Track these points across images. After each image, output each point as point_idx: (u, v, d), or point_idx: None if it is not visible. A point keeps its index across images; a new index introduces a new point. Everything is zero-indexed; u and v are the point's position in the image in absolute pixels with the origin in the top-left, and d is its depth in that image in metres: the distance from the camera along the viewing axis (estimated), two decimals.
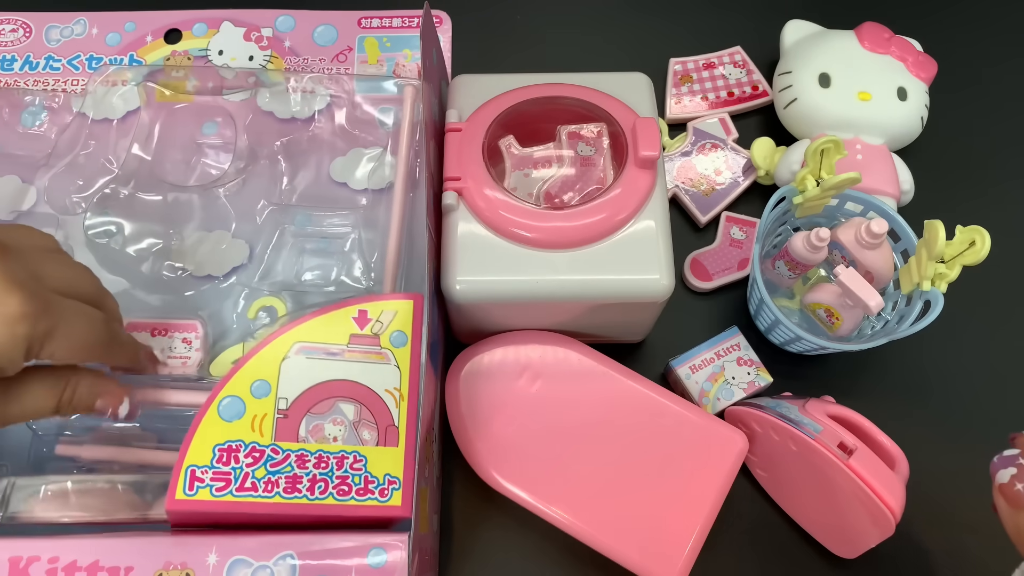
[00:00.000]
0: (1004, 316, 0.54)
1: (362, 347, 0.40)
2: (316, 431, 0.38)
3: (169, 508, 0.37)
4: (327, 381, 0.39)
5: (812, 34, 0.58)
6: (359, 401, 0.39)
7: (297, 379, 0.39)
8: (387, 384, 0.39)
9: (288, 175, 0.52)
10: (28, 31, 0.59)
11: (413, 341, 0.40)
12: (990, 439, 0.40)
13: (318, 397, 0.39)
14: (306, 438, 0.38)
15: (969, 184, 0.58)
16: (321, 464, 0.37)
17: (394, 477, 0.38)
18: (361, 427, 0.38)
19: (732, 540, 0.48)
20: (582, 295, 0.43)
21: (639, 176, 0.44)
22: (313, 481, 0.37)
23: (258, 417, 0.38)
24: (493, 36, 0.62)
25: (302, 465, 0.37)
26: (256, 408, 0.39)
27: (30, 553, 0.37)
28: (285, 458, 0.37)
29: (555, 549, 0.47)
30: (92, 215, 0.50)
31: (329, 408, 0.39)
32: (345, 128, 0.54)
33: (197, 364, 0.46)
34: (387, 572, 0.36)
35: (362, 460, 0.38)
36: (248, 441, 0.38)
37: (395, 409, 0.39)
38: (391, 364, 0.40)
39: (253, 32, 0.59)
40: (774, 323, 0.49)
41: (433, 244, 0.43)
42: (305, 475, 0.37)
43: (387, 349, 0.40)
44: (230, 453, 0.37)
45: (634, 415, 0.45)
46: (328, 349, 0.40)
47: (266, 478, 0.37)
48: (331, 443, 0.38)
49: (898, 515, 0.41)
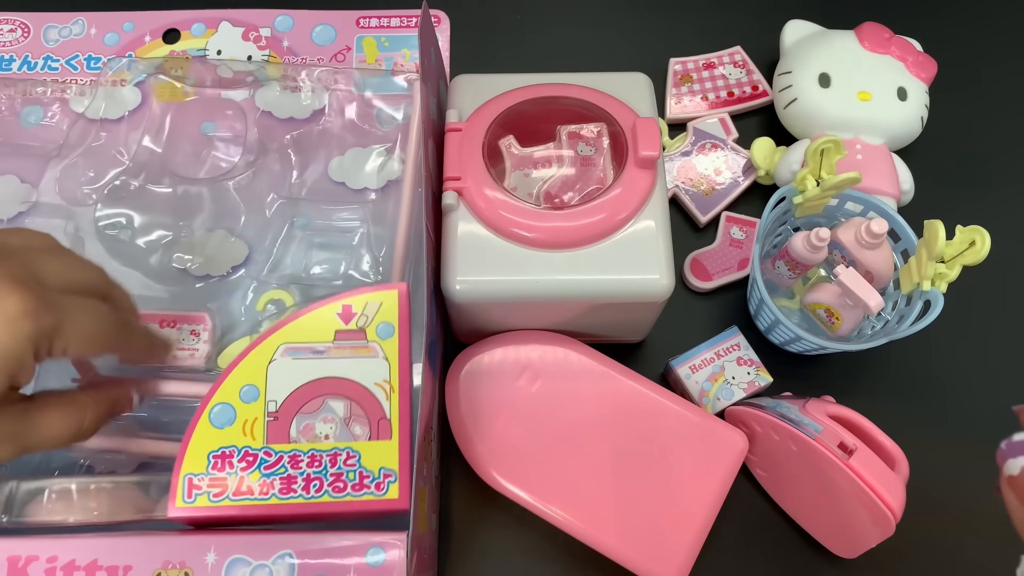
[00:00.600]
0: (1004, 316, 0.54)
1: (348, 342, 0.40)
2: (307, 431, 0.38)
3: (171, 517, 0.37)
4: (315, 380, 0.39)
5: (812, 34, 0.58)
6: (348, 397, 0.39)
7: (285, 381, 0.39)
8: (376, 377, 0.39)
9: (298, 169, 0.53)
10: (27, 31, 0.59)
11: (400, 331, 0.40)
12: (990, 439, 0.40)
13: (307, 397, 0.39)
14: (297, 438, 0.38)
15: (969, 184, 0.58)
16: (314, 463, 0.37)
17: (389, 470, 0.38)
18: (352, 423, 0.38)
19: (732, 540, 0.48)
20: (582, 295, 0.43)
21: (639, 176, 0.44)
22: (308, 480, 0.37)
23: (248, 422, 0.38)
24: (492, 36, 0.62)
25: (295, 465, 0.37)
26: (246, 413, 0.39)
27: (29, 552, 0.37)
28: (278, 460, 0.38)
29: (555, 549, 0.47)
30: (102, 207, 0.50)
31: (319, 407, 0.39)
32: (355, 123, 0.54)
33: (205, 356, 0.46)
34: (386, 571, 0.36)
35: (355, 456, 0.38)
36: (240, 446, 0.38)
37: (386, 402, 0.39)
38: (379, 357, 0.39)
39: (251, 32, 0.59)
40: (774, 323, 0.49)
41: (432, 244, 0.43)
42: (299, 475, 0.37)
43: (374, 342, 0.40)
44: (224, 459, 0.38)
45: (634, 415, 0.45)
46: (314, 348, 0.39)
47: (261, 481, 0.37)
48: (323, 441, 0.38)
49: (898, 515, 0.41)
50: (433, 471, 0.45)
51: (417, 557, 0.37)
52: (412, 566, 0.36)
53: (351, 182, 0.52)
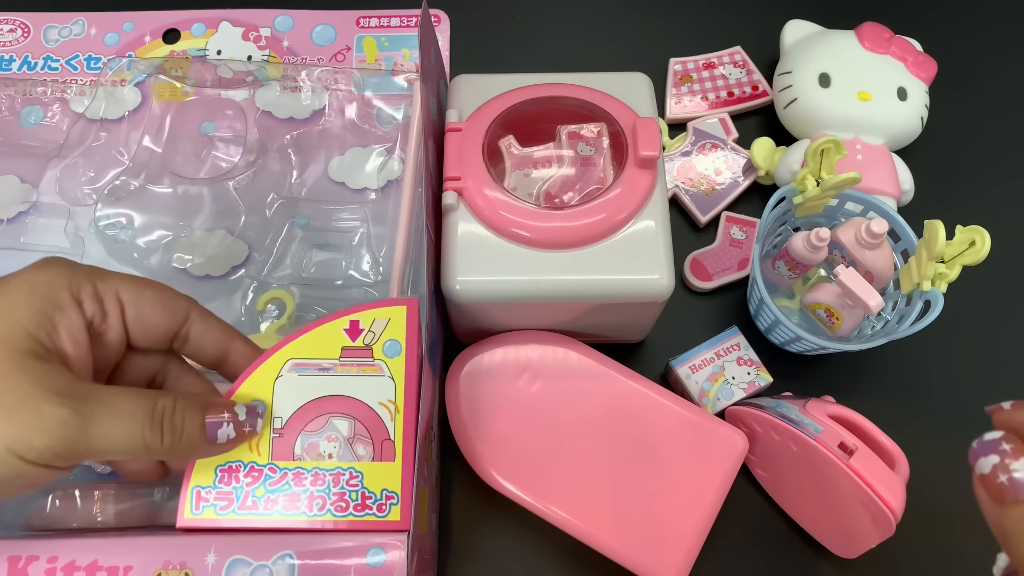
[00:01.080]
0: (1004, 316, 0.54)
1: (354, 360, 0.39)
2: (311, 449, 0.38)
3: (179, 527, 0.38)
4: (320, 398, 0.39)
5: (812, 34, 0.58)
6: (353, 416, 0.39)
7: (291, 397, 0.39)
8: (381, 397, 0.39)
9: (298, 169, 0.53)
10: (27, 31, 0.59)
11: (408, 349, 0.40)
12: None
13: (312, 414, 0.39)
14: (302, 456, 0.38)
15: (969, 184, 0.58)
16: (318, 482, 0.37)
17: (392, 492, 0.37)
18: (356, 443, 0.38)
19: (732, 540, 0.48)
20: (582, 295, 0.43)
21: (639, 176, 0.44)
22: (311, 498, 0.37)
23: (255, 437, 0.38)
24: (492, 35, 0.62)
25: (299, 483, 0.37)
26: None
27: (29, 553, 0.37)
28: (283, 476, 0.38)
29: (555, 549, 0.47)
30: (102, 207, 0.50)
31: (323, 425, 0.38)
32: (355, 123, 0.54)
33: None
34: (386, 572, 0.36)
35: (358, 476, 0.38)
36: (247, 461, 0.38)
37: (390, 423, 0.38)
38: (385, 376, 0.39)
39: (251, 32, 0.59)
40: (774, 323, 0.49)
41: (432, 244, 0.43)
42: (303, 492, 0.37)
43: (380, 360, 0.39)
44: (231, 473, 0.38)
45: (634, 415, 0.45)
46: (320, 364, 0.39)
47: (265, 496, 0.37)
48: (326, 460, 0.38)
49: (898, 515, 0.41)
50: (433, 471, 0.45)
51: (417, 557, 0.38)
52: (412, 566, 0.36)
53: (351, 182, 0.53)
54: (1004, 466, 0.29)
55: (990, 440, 0.30)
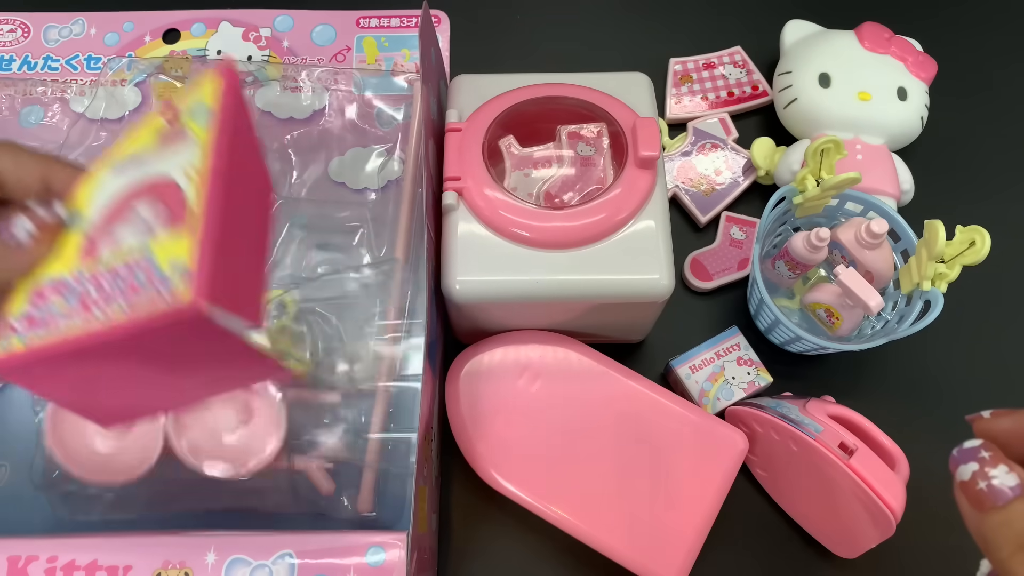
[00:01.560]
0: (1004, 316, 0.54)
1: (167, 138, 0.34)
2: (114, 244, 0.32)
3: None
4: (127, 188, 0.33)
5: (812, 34, 0.58)
6: (156, 196, 0.32)
7: (102, 199, 0.33)
8: (184, 164, 0.32)
9: (298, 169, 0.53)
10: (27, 31, 0.59)
11: (223, 113, 0.33)
12: None
13: (119, 208, 0.33)
14: (105, 256, 0.32)
15: (969, 184, 0.58)
16: (115, 278, 0.31)
17: (180, 263, 0.29)
18: (157, 223, 0.31)
19: (732, 540, 0.48)
20: (582, 295, 0.43)
21: (639, 176, 0.44)
22: (106, 298, 0.30)
23: (68, 249, 0.33)
24: (492, 36, 0.62)
25: (99, 286, 0.31)
26: (67, 240, 0.33)
27: (29, 552, 0.37)
28: (81, 281, 0.31)
29: (555, 549, 0.47)
30: None
31: (128, 216, 0.32)
32: (355, 123, 0.54)
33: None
34: (386, 571, 0.36)
35: (149, 256, 0.30)
36: (56, 276, 0.32)
37: (190, 189, 0.31)
38: (189, 140, 0.33)
39: (251, 32, 0.59)
40: (774, 323, 0.49)
41: (432, 244, 0.43)
42: (97, 292, 0.31)
43: (186, 125, 0.33)
44: (41, 296, 0.32)
45: (634, 415, 0.45)
46: (135, 157, 0.34)
47: (67, 308, 0.31)
48: (125, 252, 0.31)
49: (898, 515, 0.41)
50: (433, 471, 0.45)
51: (417, 557, 0.38)
52: (412, 566, 0.36)
53: (351, 182, 0.52)
54: (983, 473, 0.30)
55: (970, 448, 0.31)
